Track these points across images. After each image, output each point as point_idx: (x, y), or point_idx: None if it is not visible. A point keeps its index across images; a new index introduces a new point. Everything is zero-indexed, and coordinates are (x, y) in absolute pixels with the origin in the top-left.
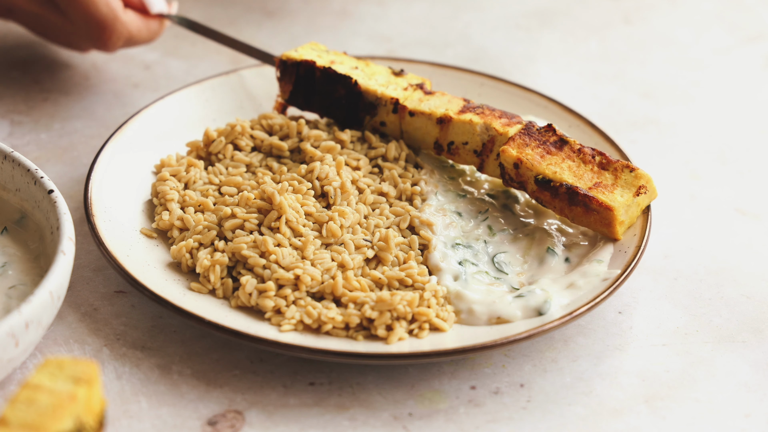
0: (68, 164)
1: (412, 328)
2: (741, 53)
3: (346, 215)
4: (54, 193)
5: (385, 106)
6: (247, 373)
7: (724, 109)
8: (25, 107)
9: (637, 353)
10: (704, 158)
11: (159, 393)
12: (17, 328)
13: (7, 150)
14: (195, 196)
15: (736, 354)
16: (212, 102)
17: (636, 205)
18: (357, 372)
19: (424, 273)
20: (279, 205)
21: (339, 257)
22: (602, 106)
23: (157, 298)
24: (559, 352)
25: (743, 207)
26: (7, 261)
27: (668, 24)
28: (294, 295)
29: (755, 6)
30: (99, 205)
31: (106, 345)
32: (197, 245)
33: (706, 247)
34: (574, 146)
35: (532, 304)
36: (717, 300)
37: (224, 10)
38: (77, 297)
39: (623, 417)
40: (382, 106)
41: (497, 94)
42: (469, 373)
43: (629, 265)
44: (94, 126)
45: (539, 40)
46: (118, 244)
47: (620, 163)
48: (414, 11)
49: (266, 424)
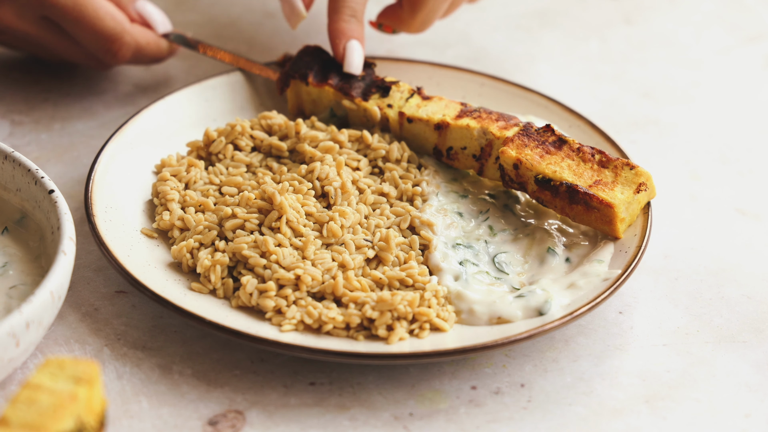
0: (69, 164)
1: (413, 328)
2: (741, 53)
3: (346, 215)
4: (54, 193)
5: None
6: (248, 373)
7: (725, 109)
8: (25, 107)
9: (637, 353)
10: (705, 158)
11: (160, 393)
12: (18, 328)
13: (7, 150)
14: (195, 196)
15: (736, 354)
16: (212, 102)
17: (636, 202)
18: (358, 372)
19: (425, 273)
20: (279, 205)
21: (340, 257)
22: (602, 106)
23: (157, 298)
24: (560, 352)
25: (744, 207)
26: (8, 261)
27: (668, 24)
28: (295, 295)
29: (755, 6)
30: (99, 205)
31: (107, 345)
32: (198, 245)
33: (706, 247)
34: (573, 145)
35: (532, 304)
36: (717, 300)
37: (224, 10)
38: (78, 297)
39: (624, 417)
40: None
41: (498, 95)
42: (469, 373)
43: (630, 265)
44: (95, 126)
45: (540, 40)
46: (119, 244)
47: (620, 160)
48: None
49: (267, 424)
